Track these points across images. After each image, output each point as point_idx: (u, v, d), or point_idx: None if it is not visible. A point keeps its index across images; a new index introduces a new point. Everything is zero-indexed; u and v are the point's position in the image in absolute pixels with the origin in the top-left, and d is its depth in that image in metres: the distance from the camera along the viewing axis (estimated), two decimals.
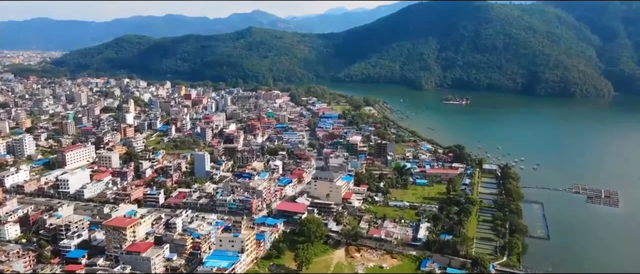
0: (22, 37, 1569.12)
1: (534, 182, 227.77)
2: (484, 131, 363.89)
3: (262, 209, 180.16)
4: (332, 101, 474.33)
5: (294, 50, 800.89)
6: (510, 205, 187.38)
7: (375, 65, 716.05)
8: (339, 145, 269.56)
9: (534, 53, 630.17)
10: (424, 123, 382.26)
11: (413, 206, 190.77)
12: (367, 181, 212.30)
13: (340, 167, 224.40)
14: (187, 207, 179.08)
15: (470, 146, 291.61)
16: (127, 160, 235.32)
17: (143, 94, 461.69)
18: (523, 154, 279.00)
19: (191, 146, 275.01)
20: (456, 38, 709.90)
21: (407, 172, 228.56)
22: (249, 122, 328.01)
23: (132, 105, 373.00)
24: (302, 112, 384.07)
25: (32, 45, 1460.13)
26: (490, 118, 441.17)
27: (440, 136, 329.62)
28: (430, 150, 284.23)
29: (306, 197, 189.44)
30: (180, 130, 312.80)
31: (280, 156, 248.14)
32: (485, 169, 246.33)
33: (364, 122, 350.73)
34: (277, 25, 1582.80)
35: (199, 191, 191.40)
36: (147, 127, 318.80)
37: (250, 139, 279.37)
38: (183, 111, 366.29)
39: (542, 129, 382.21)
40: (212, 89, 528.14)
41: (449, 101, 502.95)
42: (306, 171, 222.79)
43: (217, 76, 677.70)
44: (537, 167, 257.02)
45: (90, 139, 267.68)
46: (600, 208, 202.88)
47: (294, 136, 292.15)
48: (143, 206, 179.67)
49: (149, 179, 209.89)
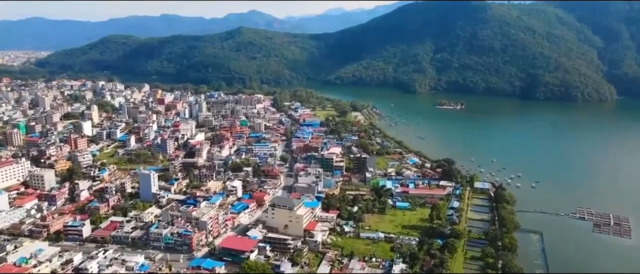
0: (16, 37, 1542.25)
1: (532, 205, 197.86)
2: (478, 141, 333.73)
3: (206, 244, 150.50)
4: (318, 105, 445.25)
5: (284, 52, 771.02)
6: (503, 237, 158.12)
7: (367, 67, 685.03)
8: (313, 159, 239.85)
9: (533, 55, 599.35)
10: (413, 131, 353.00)
11: (389, 237, 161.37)
12: (339, 205, 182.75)
13: (308, 188, 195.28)
14: (117, 242, 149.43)
15: (462, 159, 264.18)
16: (67, 178, 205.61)
17: (115, 98, 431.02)
18: (520, 168, 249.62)
19: (148, 160, 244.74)
20: (452, 39, 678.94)
21: (387, 193, 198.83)
22: (218, 131, 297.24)
23: (96, 111, 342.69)
24: (282, 119, 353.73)
25: (27, 45, 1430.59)
26: (485, 125, 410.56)
27: (430, 146, 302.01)
28: (417, 164, 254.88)
29: (261, 228, 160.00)
30: (141, 140, 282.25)
31: (244, 173, 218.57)
32: (477, 188, 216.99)
33: (347, 130, 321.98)
34: (273, 25, 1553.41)
35: (135, 220, 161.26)
36: (106, 136, 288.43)
37: (215, 152, 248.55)
38: (151, 117, 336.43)
39: (542, 138, 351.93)
40: (193, 93, 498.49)
41: (443, 105, 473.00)
42: (268, 193, 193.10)
43: (201, 77, 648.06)
44: (535, 185, 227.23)
45: (31, 153, 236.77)
46: (608, 239, 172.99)
47: (265, 147, 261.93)
48: (64, 240, 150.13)
49: (83, 204, 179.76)
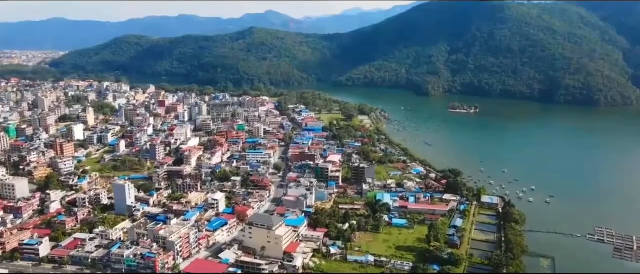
0: (38, 38, 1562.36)
1: (545, 223, 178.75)
2: (490, 148, 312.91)
3: (172, 268, 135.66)
4: (325, 108, 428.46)
5: (295, 52, 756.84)
6: (509, 265, 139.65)
7: (380, 68, 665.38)
8: (307, 169, 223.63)
9: (554, 56, 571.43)
10: (422, 137, 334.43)
11: (379, 262, 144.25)
12: (328, 221, 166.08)
13: (296, 202, 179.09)
14: (76, 262, 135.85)
15: (471, 169, 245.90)
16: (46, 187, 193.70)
17: (117, 99, 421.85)
18: (534, 180, 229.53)
19: (135, 167, 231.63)
20: (468, 39, 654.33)
21: (383, 209, 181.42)
22: (212, 136, 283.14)
23: (92, 113, 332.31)
24: (283, 123, 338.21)
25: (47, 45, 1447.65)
26: (499, 131, 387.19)
27: (437, 154, 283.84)
28: (421, 174, 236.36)
29: (237, 248, 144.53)
30: (133, 145, 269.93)
31: (231, 183, 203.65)
32: (484, 203, 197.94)
33: (350, 136, 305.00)
34: (289, 25, 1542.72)
35: (101, 238, 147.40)
36: (97, 140, 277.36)
37: (204, 159, 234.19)
38: (148, 120, 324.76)
39: (559, 146, 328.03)
40: (198, 94, 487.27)
41: (456, 109, 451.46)
42: (253, 208, 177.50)
43: (210, 79, 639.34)
44: (550, 200, 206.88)
45: (13, 158, 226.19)
46: (632, 266, 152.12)
47: (259, 154, 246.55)
48: (19, 259, 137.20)
49: (51, 217, 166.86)
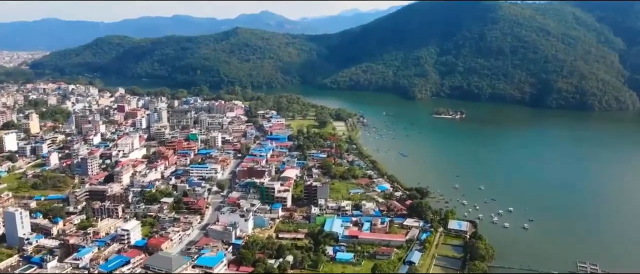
0: (30, 38, 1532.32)
1: (519, 256, 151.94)
2: (469, 160, 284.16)
3: None
4: (299, 114, 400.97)
5: (280, 54, 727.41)
6: None
7: (366, 70, 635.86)
8: (253, 187, 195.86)
9: (546, 58, 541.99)
10: (398, 146, 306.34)
11: None
12: (257, 257, 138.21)
13: (224, 233, 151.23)
14: None
15: (444, 186, 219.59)
16: None
17: (77, 103, 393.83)
18: (513, 199, 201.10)
19: (57, 185, 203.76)
20: (458, 40, 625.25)
21: (328, 239, 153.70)
22: (157, 148, 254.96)
23: (36, 120, 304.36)
24: (247, 132, 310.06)
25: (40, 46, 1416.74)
26: (484, 139, 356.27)
27: (411, 166, 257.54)
28: (386, 193, 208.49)
29: None
30: (69, 156, 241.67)
31: (158, 206, 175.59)
32: (451, 230, 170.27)
33: (317, 145, 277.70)
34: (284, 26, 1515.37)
35: None
36: (30, 152, 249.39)
37: (138, 176, 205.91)
38: (97, 128, 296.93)
39: (546, 158, 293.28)
40: (170, 97, 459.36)
41: (440, 115, 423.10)
42: (171, 239, 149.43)
43: (189, 81, 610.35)
44: (528, 225, 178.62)
45: None
46: None
47: (204, 169, 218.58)
48: None
49: None
